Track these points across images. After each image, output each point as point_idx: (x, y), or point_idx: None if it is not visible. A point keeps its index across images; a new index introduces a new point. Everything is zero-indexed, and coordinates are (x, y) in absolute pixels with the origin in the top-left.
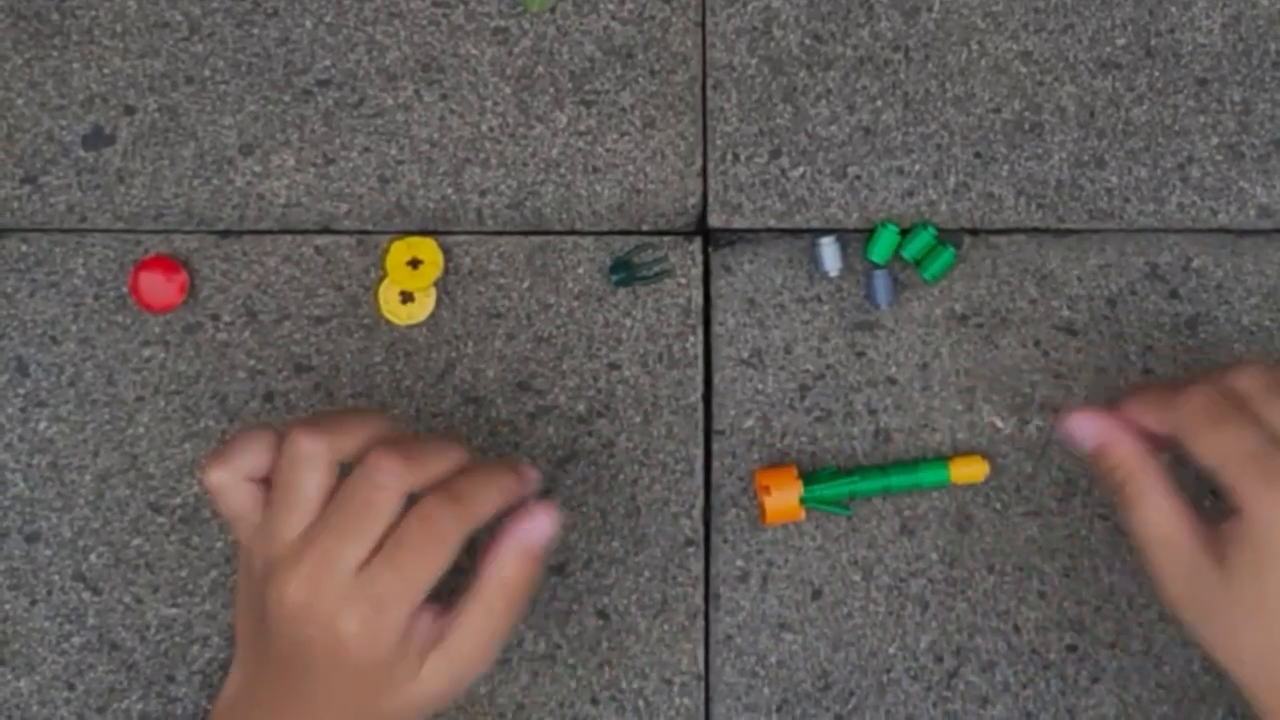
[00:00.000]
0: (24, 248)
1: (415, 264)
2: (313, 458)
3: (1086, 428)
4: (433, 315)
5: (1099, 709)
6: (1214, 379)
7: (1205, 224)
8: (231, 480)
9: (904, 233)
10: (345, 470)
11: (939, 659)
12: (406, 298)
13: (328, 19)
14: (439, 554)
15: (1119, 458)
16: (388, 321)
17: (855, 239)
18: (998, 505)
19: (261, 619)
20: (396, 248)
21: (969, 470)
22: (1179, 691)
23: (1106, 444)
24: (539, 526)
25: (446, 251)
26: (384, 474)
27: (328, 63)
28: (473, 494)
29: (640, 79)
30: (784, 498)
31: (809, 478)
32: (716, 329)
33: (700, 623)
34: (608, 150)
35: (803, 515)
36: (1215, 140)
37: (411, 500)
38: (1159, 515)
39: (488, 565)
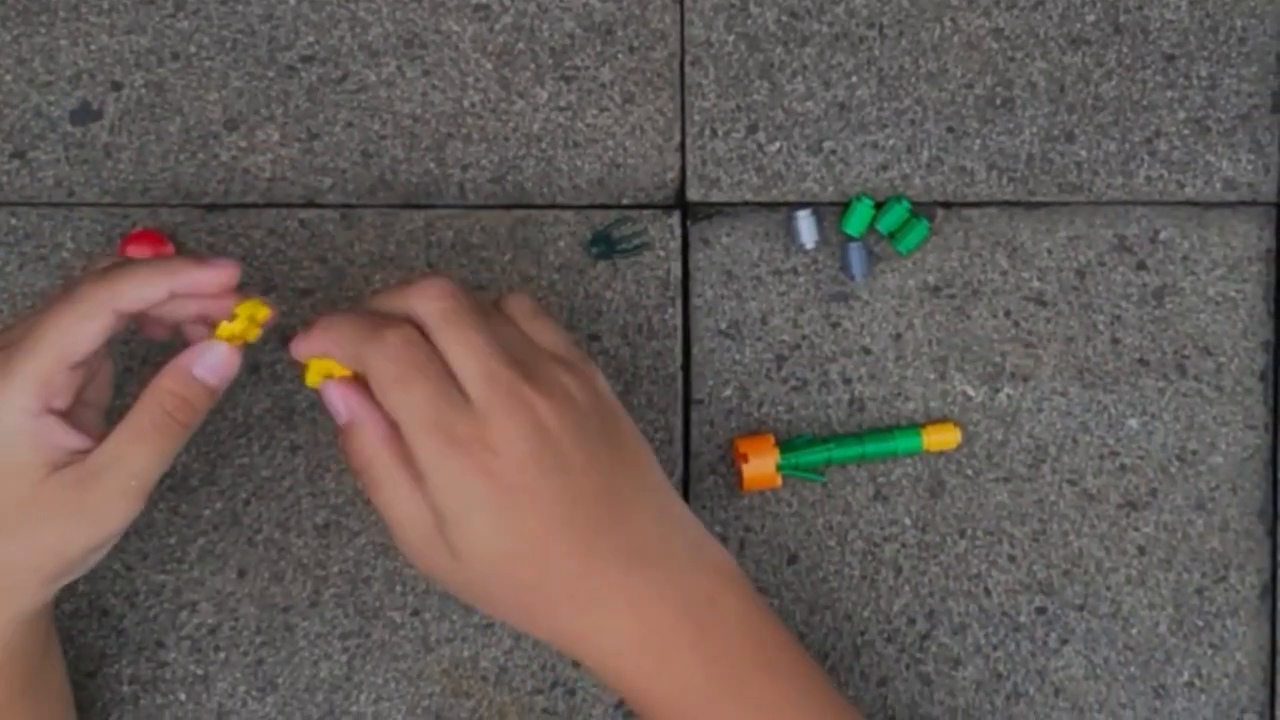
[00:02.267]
0: (13, 221)
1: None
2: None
3: (338, 401)
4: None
5: (1068, 670)
6: (395, 298)
7: (1172, 197)
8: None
9: (878, 206)
10: None
11: (912, 621)
12: None
13: None
14: (80, 314)
15: (361, 444)
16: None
17: (831, 212)
18: (969, 471)
19: None
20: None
21: (942, 437)
22: (1146, 653)
23: (354, 425)
24: (202, 357)
25: (430, 226)
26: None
27: (311, 39)
28: (129, 270)
29: (620, 55)
30: (761, 465)
31: (785, 445)
32: (695, 301)
33: None
34: (588, 125)
35: (779, 482)
36: (1182, 115)
37: None
38: (396, 497)
39: (148, 388)
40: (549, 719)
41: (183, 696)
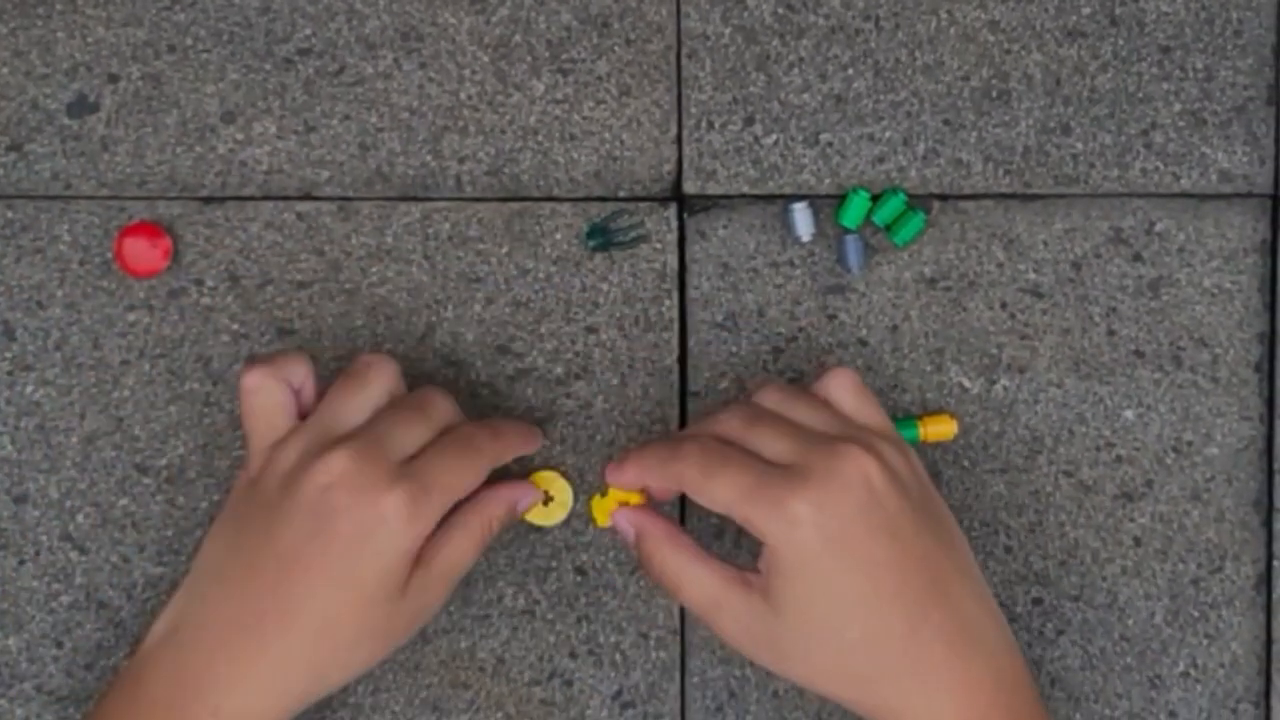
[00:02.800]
0: (10, 214)
1: (546, 499)
2: (382, 369)
3: (621, 521)
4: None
5: (1064, 660)
6: (704, 425)
7: (1168, 189)
8: (270, 379)
9: (875, 198)
10: None
11: None
12: (546, 499)
13: None
14: (476, 464)
15: (650, 549)
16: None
17: (827, 205)
18: (965, 463)
19: (267, 518)
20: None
21: (939, 429)
22: (1142, 643)
23: (642, 534)
24: (526, 498)
25: (427, 218)
26: (439, 397)
27: (308, 31)
28: (508, 432)
29: (616, 48)
30: None
31: None
32: (691, 293)
33: None
34: (584, 118)
35: None
36: (1178, 107)
37: None
38: (700, 585)
39: (478, 501)
40: (546, 709)
41: None
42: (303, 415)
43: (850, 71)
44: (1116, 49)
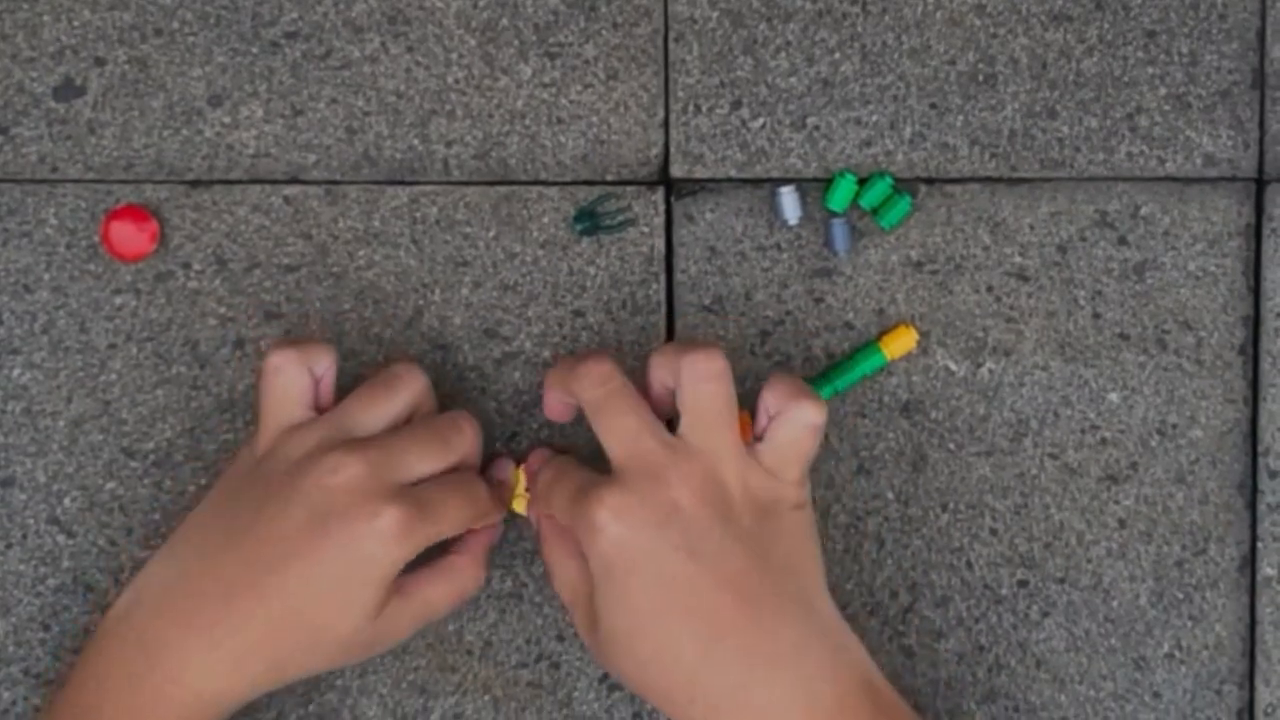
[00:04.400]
0: None
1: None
2: (413, 387)
3: (533, 513)
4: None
5: (1049, 642)
6: (567, 382)
7: (1153, 172)
8: (294, 363)
9: (862, 182)
10: None
11: (894, 594)
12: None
13: None
14: (472, 511)
15: (541, 535)
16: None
17: (814, 188)
18: (951, 445)
19: (264, 497)
20: (514, 475)
21: (901, 343)
22: (1126, 625)
23: (538, 524)
24: (497, 532)
25: (414, 202)
26: (468, 425)
27: (295, 15)
28: (503, 498)
29: (603, 31)
30: None
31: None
32: (679, 276)
33: None
34: (571, 102)
35: None
36: (1163, 91)
37: None
38: (563, 576)
39: (465, 550)
40: (533, 692)
41: None
42: (317, 407)
43: (837, 55)
44: (1102, 33)
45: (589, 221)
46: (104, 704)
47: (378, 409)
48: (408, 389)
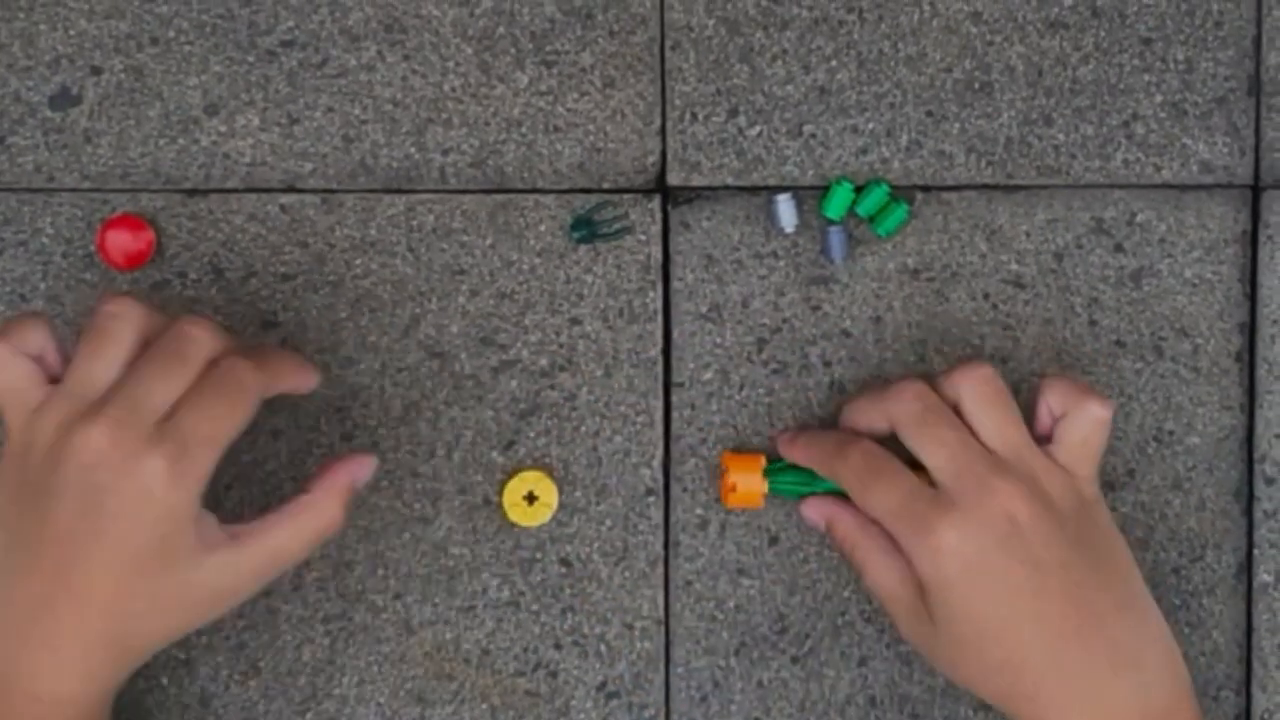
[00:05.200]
0: None
1: (531, 499)
2: (127, 315)
3: (813, 513)
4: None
5: None
6: (877, 404)
7: (1149, 179)
8: (8, 353)
9: (858, 190)
10: None
11: None
12: (531, 499)
13: None
14: (241, 403)
15: (842, 533)
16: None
17: (811, 196)
18: None
19: (37, 497)
20: (512, 485)
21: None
22: None
23: (832, 522)
24: (363, 469)
25: (411, 210)
26: (195, 329)
27: (291, 24)
28: (272, 360)
29: (600, 39)
30: (747, 490)
31: (771, 469)
32: (675, 284)
33: (660, 569)
34: (568, 110)
35: (762, 504)
36: (1159, 98)
37: None
38: (882, 575)
39: (317, 486)
40: (531, 700)
41: (165, 681)
42: (55, 378)
43: (833, 63)
44: (1098, 40)
45: (586, 229)
46: None
47: (103, 359)
48: (124, 326)
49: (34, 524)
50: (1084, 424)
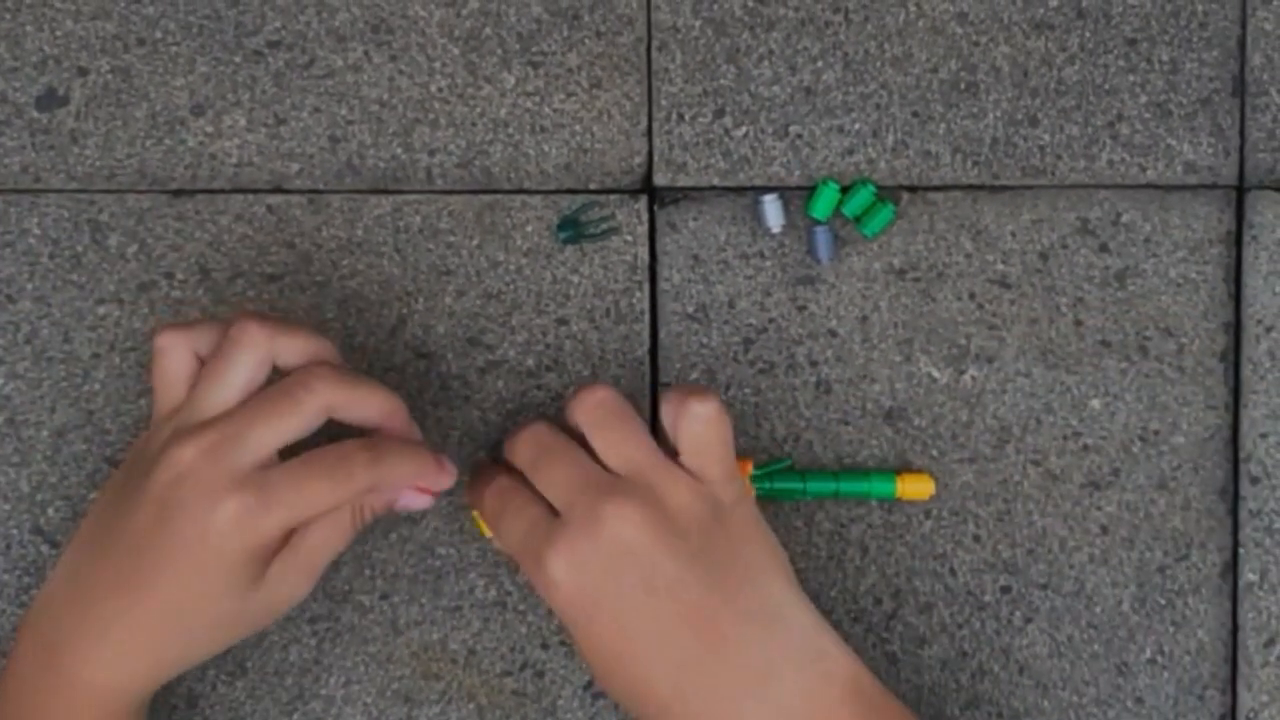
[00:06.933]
0: None
1: None
2: (255, 345)
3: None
4: None
5: (1032, 648)
6: (510, 443)
7: (1134, 180)
8: (179, 345)
9: (844, 190)
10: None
11: (878, 601)
12: None
13: None
14: (339, 492)
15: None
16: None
17: (797, 196)
18: (934, 452)
19: (134, 492)
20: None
21: (917, 487)
22: (1109, 631)
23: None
24: (418, 503)
25: (397, 211)
26: (317, 381)
27: (278, 24)
28: (393, 459)
29: (586, 40)
30: None
31: (762, 472)
32: (662, 285)
33: None
34: (555, 110)
35: None
36: (1144, 99)
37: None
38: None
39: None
40: (518, 700)
41: None
42: None
43: (820, 64)
44: (1083, 41)
45: (572, 230)
46: (21, 700)
47: (222, 383)
48: (246, 354)
49: (118, 517)
50: (692, 425)
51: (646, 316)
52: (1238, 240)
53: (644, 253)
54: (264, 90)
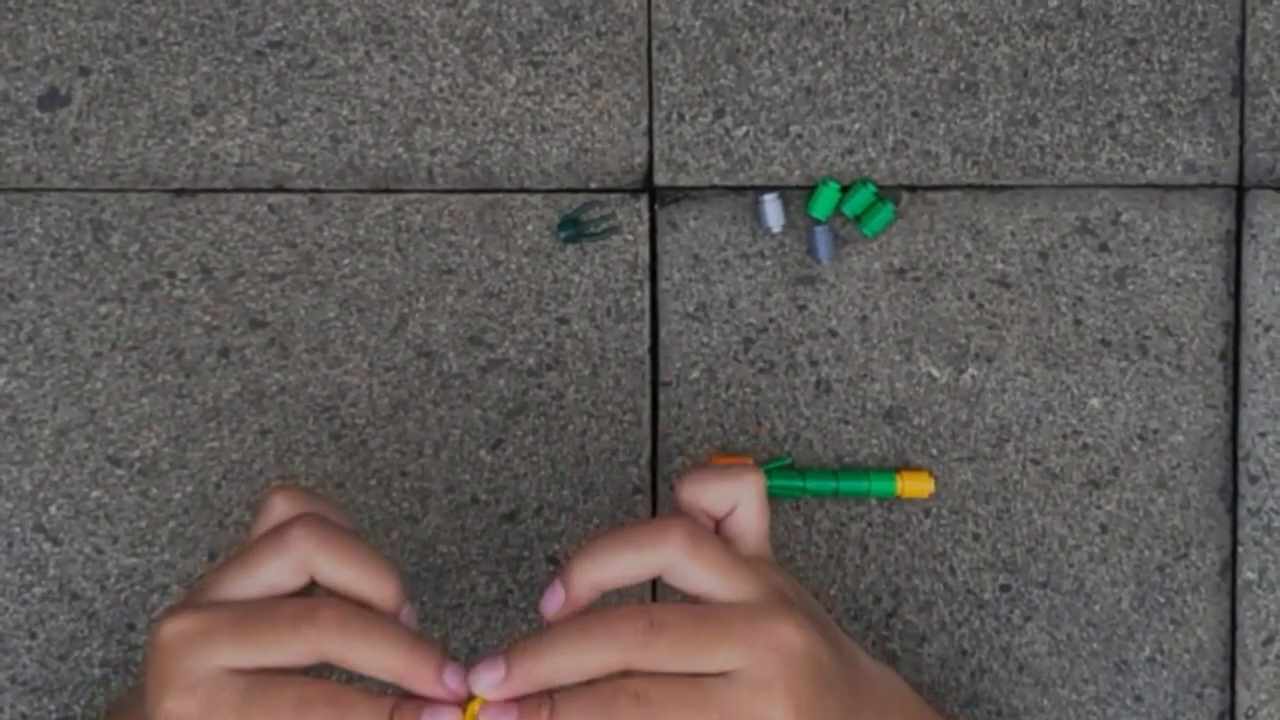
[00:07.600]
0: None
1: None
2: (294, 553)
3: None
4: None
5: (1031, 646)
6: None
7: (1134, 179)
8: (287, 555)
9: (844, 190)
10: None
11: (878, 599)
12: None
13: None
14: None
15: None
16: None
17: (797, 196)
18: (934, 451)
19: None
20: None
21: (916, 485)
22: (1108, 629)
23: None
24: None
25: (399, 210)
26: (330, 620)
27: (279, 24)
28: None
29: (587, 40)
30: None
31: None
32: (663, 284)
33: None
34: (555, 110)
35: None
36: (1144, 98)
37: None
38: None
39: None
40: None
41: None
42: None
43: (820, 64)
44: (1083, 41)
45: (573, 229)
46: None
47: (247, 577)
48: (286, 559)
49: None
50: (744, 507)
51: (647, 315)
52: (1237, 240)
53: (644, 252)
54: (265, 90)
